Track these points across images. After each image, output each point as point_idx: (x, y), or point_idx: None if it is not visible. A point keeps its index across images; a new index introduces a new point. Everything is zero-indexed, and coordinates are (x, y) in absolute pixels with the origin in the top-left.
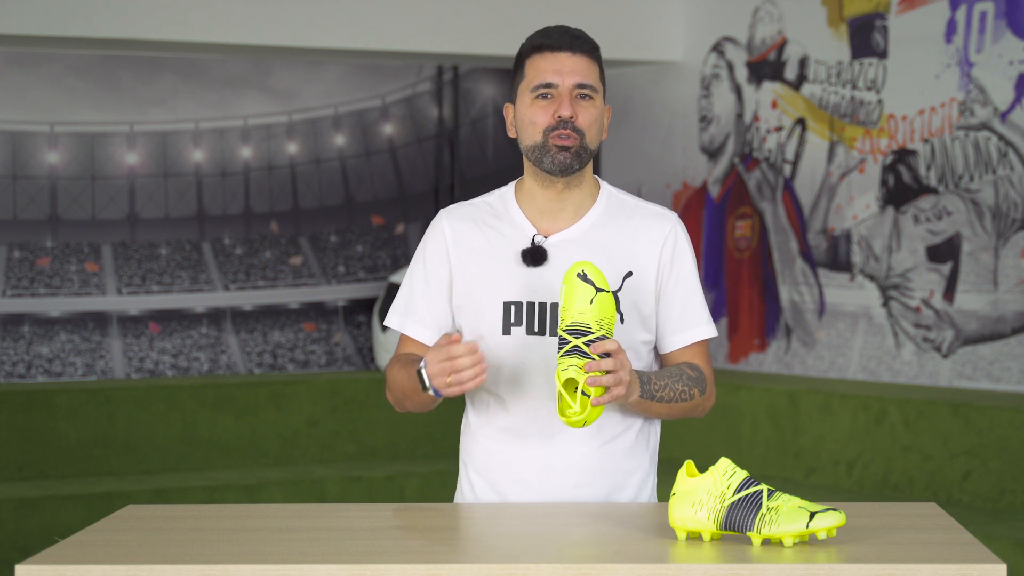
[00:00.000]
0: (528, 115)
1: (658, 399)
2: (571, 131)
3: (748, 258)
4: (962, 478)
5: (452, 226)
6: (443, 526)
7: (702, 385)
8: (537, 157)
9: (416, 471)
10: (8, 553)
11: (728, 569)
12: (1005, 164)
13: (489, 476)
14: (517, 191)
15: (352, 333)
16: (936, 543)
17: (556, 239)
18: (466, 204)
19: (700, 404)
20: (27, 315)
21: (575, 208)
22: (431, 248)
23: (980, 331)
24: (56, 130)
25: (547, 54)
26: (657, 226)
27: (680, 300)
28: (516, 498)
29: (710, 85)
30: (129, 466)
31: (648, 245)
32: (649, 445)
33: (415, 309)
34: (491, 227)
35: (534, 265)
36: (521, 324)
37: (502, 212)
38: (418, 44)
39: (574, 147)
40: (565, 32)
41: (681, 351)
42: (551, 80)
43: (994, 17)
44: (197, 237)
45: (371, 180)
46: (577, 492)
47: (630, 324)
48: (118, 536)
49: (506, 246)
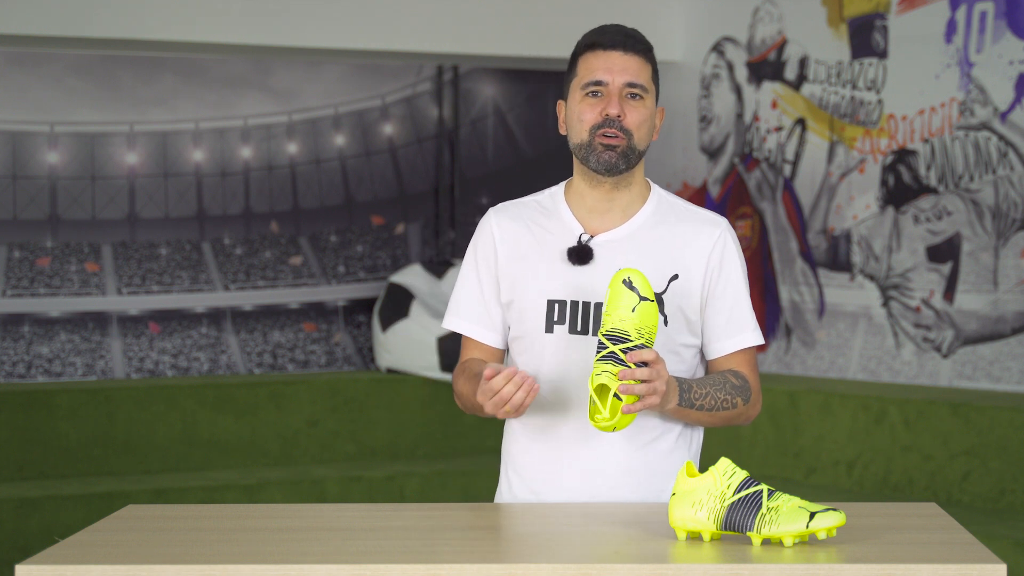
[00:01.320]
0: (577, 112)
1: (697, 407)
2: (618, 130)
3: (748, 258)
4: (962, 478)
5: (500, 224)
6: (443, 526)
7: (746, 394)
8: (584, 155)
9: (416, 471)
10: (8, 553)
11: (728, 569)
12: (1005, 164)
13: (526, 475)
14: (567, 190)
15: (352, 333)
16: (936, 543)
17: (602, 239)
18: (515, 203)
19: (744, 413)
20: (27, 315)
21: (624, 209)
22: (481, 247)
23: (980, 331)
24: (56, 130)
25: (599, 52)
26: (706, 231)
27: (728, 306)
28: (552, 498)
29: (710, 85)
30: (129, 466)
31: (697, 250)
32: (691, 449)
33: (470, 310)
34: (539, 225)
35: (580, 264)
36: (564, 323)
37: (551, 210)
38: (418, 44)
39: (620, 147)
40: (619, 31)
41: (727, 358)
42: (601, 78)
43: (994, 17)
44: (197, 237)
45: (371, 180)
46: (614, 494)
47: (673, 327)
48: (118, 536)
49: (553, 244)
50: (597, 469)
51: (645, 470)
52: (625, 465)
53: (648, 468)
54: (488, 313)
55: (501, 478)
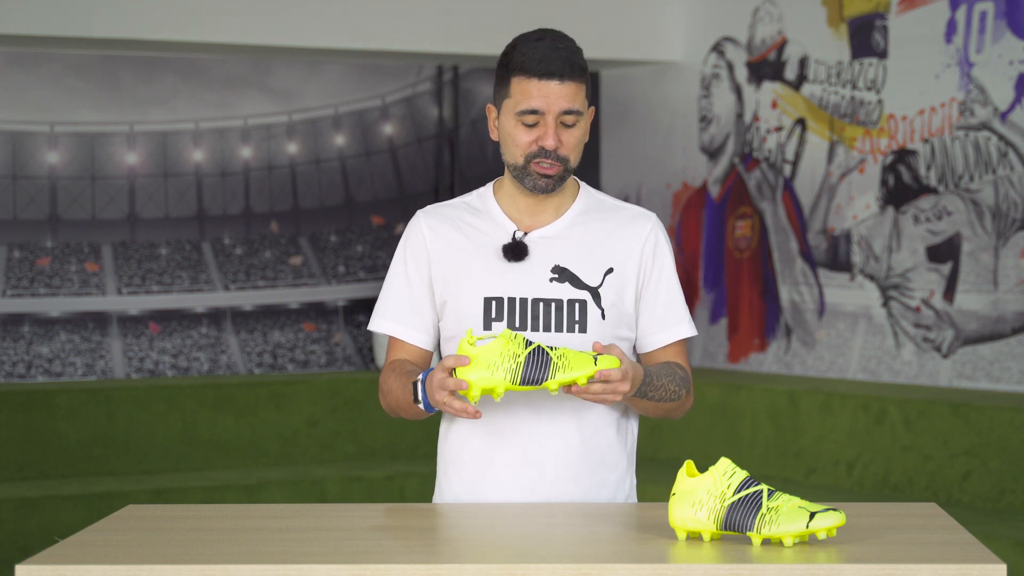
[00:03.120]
0: (512, 135)
1: (648, 397)
2: (554, 160)
3: (748, 258)
4: (962, 478)
5: (430, 225)
6: (443, 526)
7: (688, 385)
8: (518, 175)
9: (416, 471)
10: (8, 553)
11: (728, 569)
12: (1005, 164)
13: (466, 473)
14: (496, 190)
15: (352, 333)
16: (936, 543)
17: (536, 235)
18: (443, 204)
19: (682, 405)
20: (27, 315)
21: (555, 206)
22: (411, 248)
23: (980, 331)
24: (56, 130)
25: (534, 80)
26: (637, 225)
27: (663, 299)
28: (493, 496)
29: (710, 85)
30: (129, 466)
31: (629, 243)
32: (627, 444)
33: (400, 311)
34: (470, 225)
35: (515, 260)
36: (503, 319)
37: (481, 210)
38: (418, 44)
39: (556, 174)
40: (555, 56)
41: (664, 349)
42: (536, 107)
43: (994, 17)
44: (197, 237)
45: (371, 180)
46: (556, 488)
47: (611, 320)
48: (118, 536)
49: (486, 242)
50: (537, 462)
51: (586, 463)
52: (565, 458)
53: (589, 461)
54: (418, 314)
55: (439, 478)
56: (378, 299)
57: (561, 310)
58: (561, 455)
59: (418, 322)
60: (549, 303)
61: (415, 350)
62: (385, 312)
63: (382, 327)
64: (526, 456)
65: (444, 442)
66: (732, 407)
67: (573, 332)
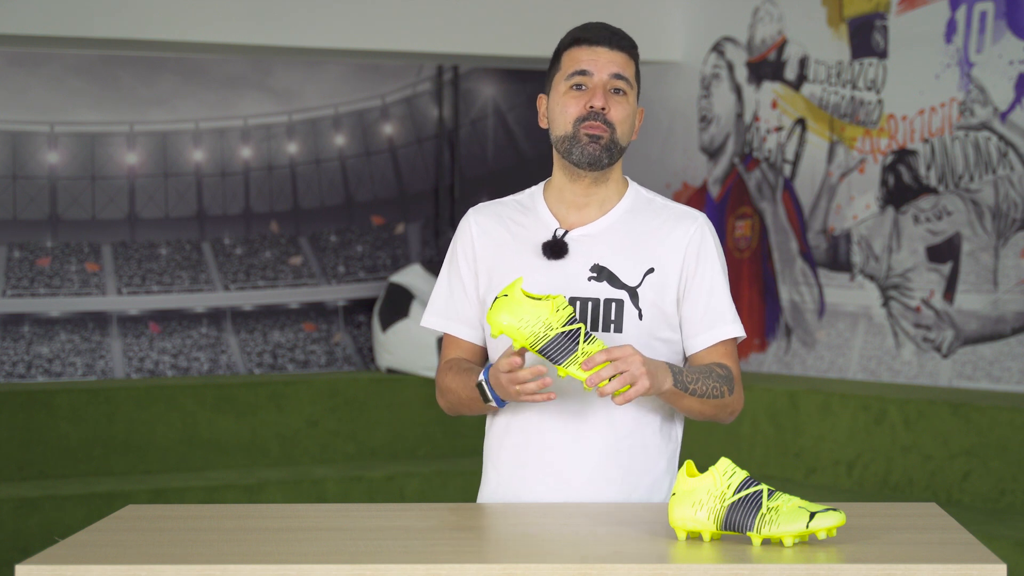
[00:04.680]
0: (561, 104)
1: (691, 391)
2: (602, 123)
3: (748, 258)
4: (962, 478)
5: (479, 222)
6: (443, 526)
7: (731, 384)
8: (567, 148)
9: (416, 471)
10: (8, 553)
11: (728, 569)
12: (1005, 164)
13: (506, 472)
14: (546, 188)
15: (352, 333)
16: (936, 543)
17: (577, 233)
18: (495, 202)
19: (729, 404)
20: (27, 315)
21: (601, 203)
22: (460, 245)
23: (980, 331)
24: (56, 130)
25: (585, 47)
26: (683, 225)
27: (705, 299)
28: (531, 495)
29: (710, 85)
30: (129, 466)
31: (673, 244)
32: (668, 447)
33: (453, 308)
34: (516, 222)
35: (554, 258)
36: None
37: (529, 207)
38: (418, 44)
39: (604, 139)
40: (604, 28)
41: (708, 351)
42: (587, 68)
43: (994, 17)
44: (197, 237)
45: (371, 180)
46: (589, 489)
47: (649, 320)
48: (118, 536)
49: (528, 239)
50: (570, 463)
51: (621, 464)
52: (597, 460)
53: (625, 462)
54: (469, 311)
55: (483, 474)
56: (431, 297)
57: (597, 309)
58: (593, 456)
59: (468, 318)
60: (585, 302)
61: (469, 346)
62: (438, 310)
63: (437, 324)
64: (559, 456)
65: (488, 439)
66: None
67: (609, 332)
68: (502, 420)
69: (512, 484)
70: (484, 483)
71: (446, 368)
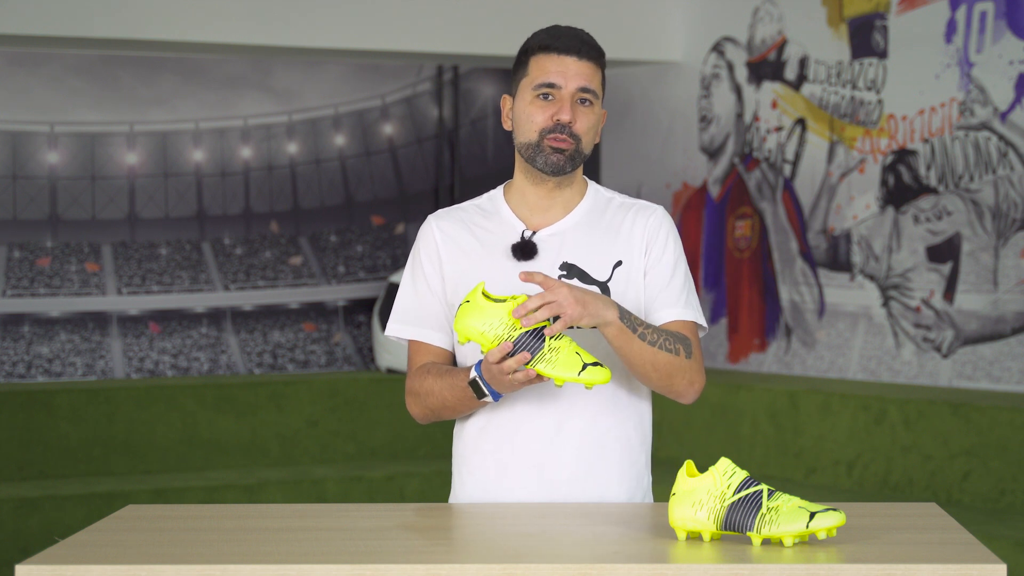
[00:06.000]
0: (527, 112)
1: (640, 335)
2: (568, 135)
3: (748, 258)
4: (962, 478)
5: (442, 228)
6: (443, 526)
7: (688, 349)
8: (531, 155)
9: (416, 471)
10: (8, 553)
11: (728, 569)
12: (1005, 164)
13: (480, 475)
14: (507, 191)
15: (352, 333)
16: (936, 543)
17: (545, 233)
18: (454, 208)
19: (686, 368)
20: (27, 315)
21: (564, 204)
22: (424, 252)
23: (980, 331)
24: (56, 130)
25: (553, 55)
26: (643, 216)
27: (661, 281)
28: (508, 496)
29: (710, 85)
30: (129, 466)
31: (635, 235)
32: (644, 442)
33: (419, 314)
34: (479, 226)
35: (524, 259)
36: None
37: (491, 211)
38: (418, 44)
39: (569, 151)
40: (574, 36)
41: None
42: (554, 81)
43: (994, 17)
44: (197, 237)
45: (371, 180)
46: (571, 488)
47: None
48: (118, 536)
49: (495, 242)
50: (550, 462)
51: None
52: (578, 458)
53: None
54: (435, 316)
55: (453, 480)
56: (394, 305)
57: None
58: (574, 454)
59: (437, 323)
60: None
61: (439, 351)
62: (402, 317)
63: (403, 332)
64: (539, 456)
65: (458, 443)
66: (732, 407)
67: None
68: (477, 422)
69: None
70: (456, 487)
71: (422, 373)
